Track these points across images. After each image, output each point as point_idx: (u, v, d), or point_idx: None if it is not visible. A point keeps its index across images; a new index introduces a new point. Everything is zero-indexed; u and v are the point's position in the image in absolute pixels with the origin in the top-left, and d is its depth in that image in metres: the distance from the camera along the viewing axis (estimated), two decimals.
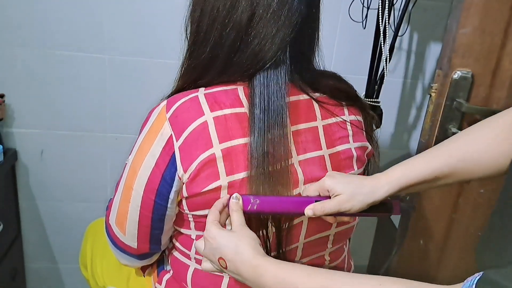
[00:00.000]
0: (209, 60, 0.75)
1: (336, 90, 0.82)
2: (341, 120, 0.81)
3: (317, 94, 0.80)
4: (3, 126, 1.44)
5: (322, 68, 0.84)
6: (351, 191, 0.72)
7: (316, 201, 0.73)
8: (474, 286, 0.48)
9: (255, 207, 0.70)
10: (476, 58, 1.14)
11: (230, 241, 0.66)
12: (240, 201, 0.70)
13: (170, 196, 0.74)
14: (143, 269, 0.96)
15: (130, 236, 0.80)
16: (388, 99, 1.56)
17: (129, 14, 1.39)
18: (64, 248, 1.66)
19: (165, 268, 0.91)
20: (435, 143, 1.20)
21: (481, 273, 0.49)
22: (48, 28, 1.37)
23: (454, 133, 1.17)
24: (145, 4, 1.38)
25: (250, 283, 0.65)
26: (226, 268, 0.66)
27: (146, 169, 0.73)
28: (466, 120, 1.17)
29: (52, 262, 1.68)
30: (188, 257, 0.83)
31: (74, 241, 1.63)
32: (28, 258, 1.65)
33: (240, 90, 0.75)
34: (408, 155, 1.56)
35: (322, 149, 0.79)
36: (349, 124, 0.83)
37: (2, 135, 1.43)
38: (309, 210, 0.72)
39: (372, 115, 0.91)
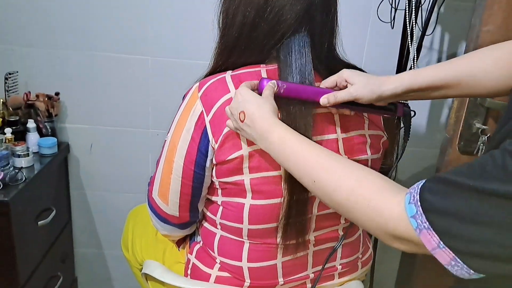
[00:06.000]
0: (236, 40, 0.84)
1: None
2: None
3: None
4: (58, 122, 1.58)
5: (349, 62, 0.91)
6: (364, 81, 0.77)
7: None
8: (418, 191, 0.55)
9: (282, 91, 0.78)
10: None
11: (255, 99, 0.75)
12: (275, 86, 0.77)
13: (206, 165, 0.84)
14: (178, 243, 1.06)
15: (172, 206, 0.90)
16: None
17: (170, 18, 1.51)
18: (109, 235, 1.79)
19: (195, 240, 1.00)
20: (460, 139, 1.24)
21: (423, 180, 0.56)
22: (98, 33, 1.51)
23: (478, 129, 1.20)
24: (185, 9, 1.50)
25: (257, 136, 0.74)
26: (243, 121, 0.74)
27: (184, 142, 0.84)
28: (490, 115, 1.20)
29: (98, 248, 1.81)
30: (215, 224, 0.91)
31: (118, 228, 1.75)
32: (76, 244, 1.79)
33: (263, 70, 0.84)
34: (435, 151, 1.58)
35: (336, 133, 0.85)
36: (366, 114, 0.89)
37: (57, 130, 1.58)
38: (324, 99, 0.79)
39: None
